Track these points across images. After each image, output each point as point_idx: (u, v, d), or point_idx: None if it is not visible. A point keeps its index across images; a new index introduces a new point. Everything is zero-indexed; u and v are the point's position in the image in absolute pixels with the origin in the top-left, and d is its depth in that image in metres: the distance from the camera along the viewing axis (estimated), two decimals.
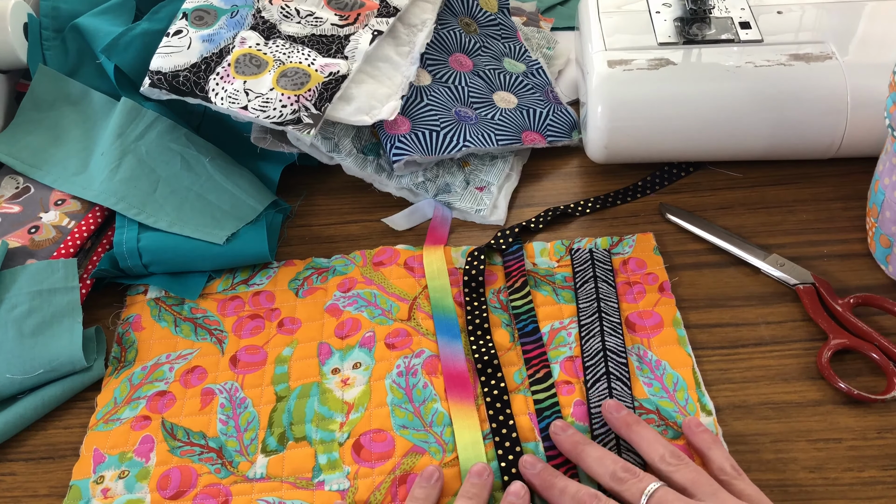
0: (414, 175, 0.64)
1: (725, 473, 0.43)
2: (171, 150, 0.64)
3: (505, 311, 0.56)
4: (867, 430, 0.47)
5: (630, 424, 0.46)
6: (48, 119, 0.67)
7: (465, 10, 0.75)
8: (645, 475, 0.42)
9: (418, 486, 0.45)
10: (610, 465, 0.43)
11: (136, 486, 0.48)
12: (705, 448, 0.45)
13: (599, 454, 0.44)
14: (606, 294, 0.55)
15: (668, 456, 0.43)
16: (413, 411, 0.50)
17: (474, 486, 0.45)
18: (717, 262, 0.58)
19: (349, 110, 0.61)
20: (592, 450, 0.45)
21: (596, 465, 0.44)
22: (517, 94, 0.71)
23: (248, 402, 0.52)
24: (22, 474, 0.51)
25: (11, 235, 0.60)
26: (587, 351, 0.52)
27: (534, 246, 0.60)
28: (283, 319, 0.57)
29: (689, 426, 0.46)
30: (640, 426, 0.46)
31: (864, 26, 0.64)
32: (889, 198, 0.53)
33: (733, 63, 0.61)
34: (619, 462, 0.43)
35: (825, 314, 0.53)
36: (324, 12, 0.67)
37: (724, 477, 0.42)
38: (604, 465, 0.43)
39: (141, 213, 0.60)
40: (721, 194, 0.64)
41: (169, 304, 0.59)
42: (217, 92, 0.61)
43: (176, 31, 0.64)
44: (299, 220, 0.66)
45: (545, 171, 0.68)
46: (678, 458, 0.43)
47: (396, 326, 0.55)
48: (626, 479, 0.42)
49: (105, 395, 0.54)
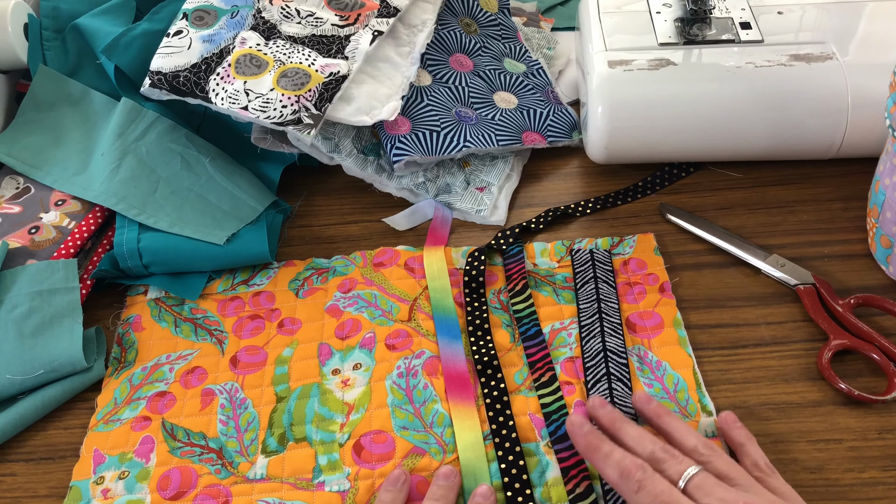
0: (414, 175, 0.64)
1: (759, 470, 0.43)
2: (171, 151, 0.63)
3: (505, 312, 0.56)
4: (868, 430, 0.47)
5: (661, 415, 0.46)
6: (48, 119, 0.67)
7: (466, 11, 0.75)
8: (684, 458, 0.42)
9: (385, 489, 0.45)
10: (649, 444, 0.43)
11: (136, 487, 0.48)
12: (740, 444, 0.45)
13: (638, 433, 0.44)
14: (607, 295, 0.55)
15: (701, 447, 0.43)
16: (413, 412, 0.50)
17: (440, 487, 0.45)
18: (717, 263, 0.58)
19: (349, 111, 0.61)
20: (631, 428, 0.45)
21: (634, 444, 0.44)
22: (517, 94, 0.71)
23: (248, 403, 0.52)
24: (22, 475, 0.51)
25: (12, 236, 0.60)
26: (587, 352, 0.52)
27: (534, 246, 0.60)
28: (284, 320, 0.57)
29: (725, 421, 0.46)
30: (671, 417, 0.46)
31: (865, 27, 0.64)
32: (890, 198, 0.53)
33: (734, 63, 0.61)
34: (658, 442, 0.43)
35: (826, 315, 0.53)
36: (324, 13, 0.67)
37: (758, 473, 0.42)
38: (642, 444, 0.43)
39: (141, 214, 0.60)
40: (721, 195, 0.64)
41: (169, 304, 0.59)
42: (217, 92, 0.61)
43: (176, 32, 0.64)
44: (299, 221, 0.66)
45: (545, 171, 0.68)
46: (711, 449, 0.43)
47: (397, 327, 0.55)
48: (665, 460, 0.42)
49: (105, 396, 0.54)
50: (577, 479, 0.46)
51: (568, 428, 0.46)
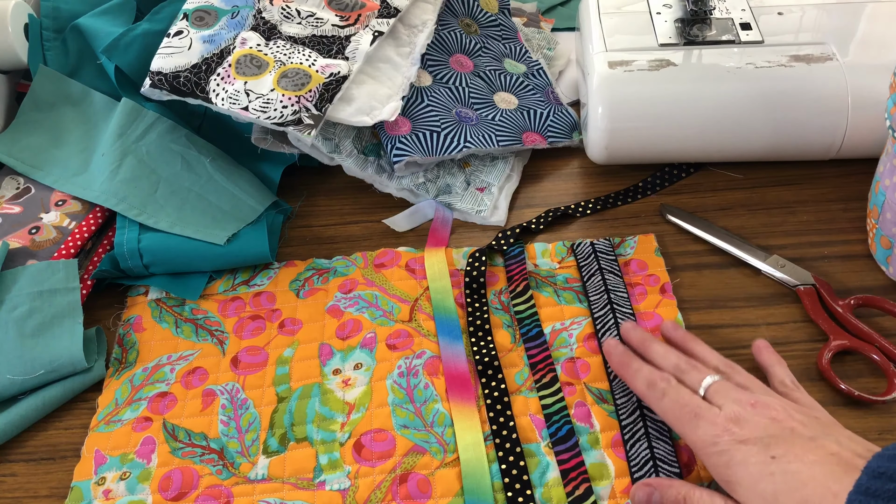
0: (414, 176, 0.64)
1: (785, 386, 0.46)
2: (171, 151, 0.63)
3: (506, 313, 0.56)
4: (868, 431, 0.47)
5: (687, 340, 0.50)
6: (49, 120, 0.67)
7: (466, 11, 0.75)
8: (705, 368, 0.46)
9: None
10: (673, 358, 0.47)
11: (137, 488, 0.48)
12: (769, 365, 0.48)
13: (664, 350, 0.48)
14: (615, 285, 0.55)
15: (722, 366, 0.47)
16: (414, 411, 0.50)
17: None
18: (717, 264, 0.58)
19: (350, 111, 0.61)
20: (658, 346, 0.49)
21: (660, 359, 0.48)
22: (518, 94, 0.71)
23: (249, 403, 0.52)
24: (23, 475, 0.51)
25: (12, 236, 0.60)
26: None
27: (535, 247, 0.60)
28: (284, 320, 0.57)
29: (757, 346, 0.50)
30: (696, 342, 0.50)
31: (865, 27, 0.64)
32: (890, 199, 0.53)
33: (734, 64, 0.61)
34: (683, 357, 0.47)
35: (826, 315, 0.53)
36: (324, 13, 0.67)
37: (784, 389, 0.46)
38: (668, 359, 0.48)
39: (142, 214, 0.60)
40: (722, 195, 0.64)
41: (170, 304, 0.59)
42: (218, 92, 0.61)
43: (177, 32, 0.64)
44: (300, 221, 0.66)
45: (546, 171, 0.68)
46: (731, 366, 0.47)
47: (398, 327, 0.55)
48: (687, 371, 0.46)
49: (106, 397, 0.54)
50: (577, 481, 0.46)
51: (605, 349, 0.51)
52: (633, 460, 0.46)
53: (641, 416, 0.48)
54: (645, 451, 0.46)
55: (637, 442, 0.47)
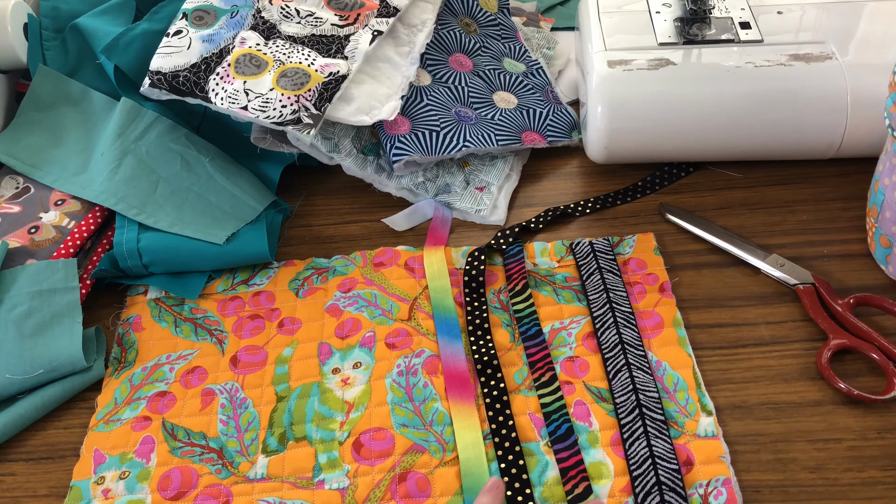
0: (414, 175, 0.64)
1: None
2: (171, 151, 0.64)
3: (505, 312, 0.56)
4: (867, 430, 0.47)
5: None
6: (48, 119, 0.67)
7: (465, 11, 0.75)
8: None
9: (483, 493, 0.43)
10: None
11: (136, 487, 0.48)
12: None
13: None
14: (614, 284, 0.55)
15: None
16: (413, 410, 0.50)
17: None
18: (717, 263, 0.58)
19: (349, 110, 0.61)
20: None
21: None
22: (517, 94, 0.71)
23: (248, 403, 0.52)
24: (22, 474, 0.51)
25: (11, 235, 0.60)
26: (605, 343, 0.52)
27: (534, 246, 0.60)
28: (284, 319, 0.57)
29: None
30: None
31: (865, 26, 0.64)
32: (889, 198, 0.53)
33: (733, 63, 0.61)
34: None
35: (825, 314, 0.53)
36: (324, 12, 0.67)
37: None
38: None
39: (141, 214, 0.60)
40: (721, 194, 0.64)
41: (169, 304, 0.59)
42: (217, 92, 0.61)
43: (176, 32, 0.64)
44: (299, 221, 0.66)
45: (545, 171, 0.68)
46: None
47: (397, 326, 0.55)
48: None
49: (105, 396, 0.54)
50: (576, 479, 0.46)
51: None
52: (633, 459, 0.46)
53: (640, 414, 0.48)
54: (644, 450, 0.46)
55: (636, 440, 0.47)
